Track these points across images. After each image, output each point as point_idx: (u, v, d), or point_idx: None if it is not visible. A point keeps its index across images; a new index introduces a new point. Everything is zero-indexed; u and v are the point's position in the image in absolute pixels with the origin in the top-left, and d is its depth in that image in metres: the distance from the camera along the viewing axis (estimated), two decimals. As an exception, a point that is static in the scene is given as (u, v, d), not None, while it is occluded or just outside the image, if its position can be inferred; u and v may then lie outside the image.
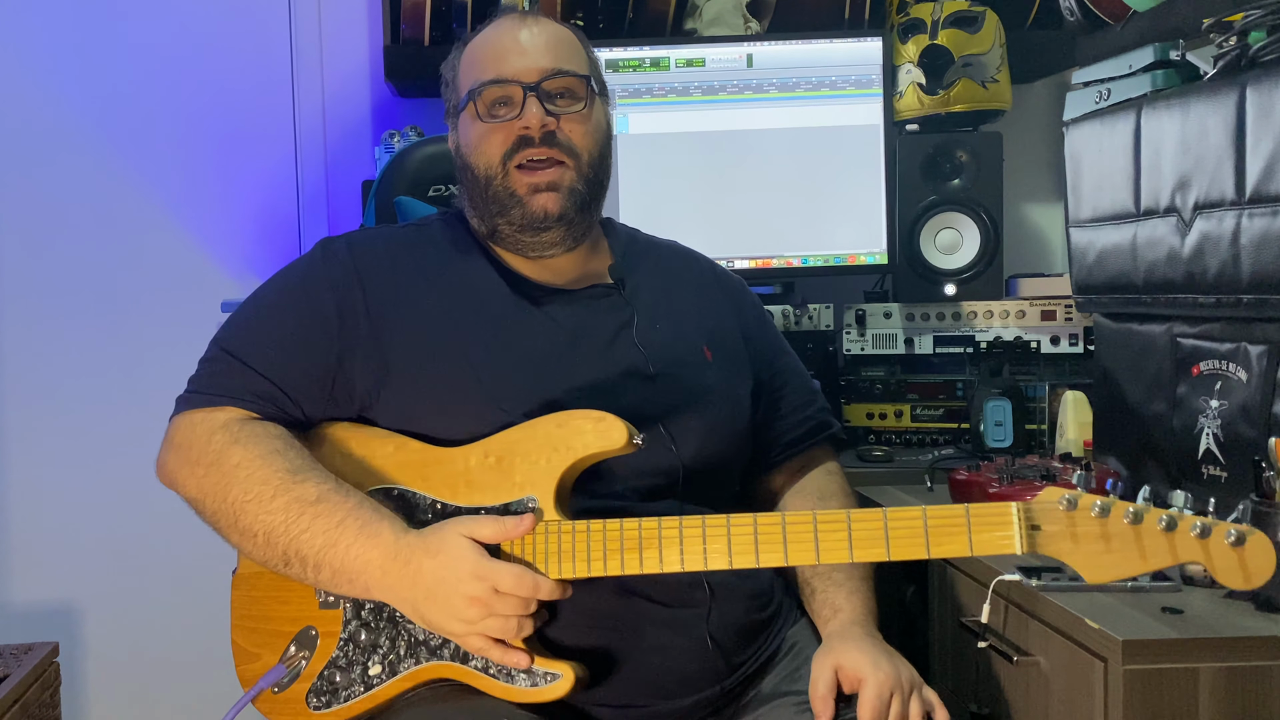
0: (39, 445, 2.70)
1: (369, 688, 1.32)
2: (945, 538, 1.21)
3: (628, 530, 1.26)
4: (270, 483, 1.29)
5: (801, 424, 1.57)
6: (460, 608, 1.23)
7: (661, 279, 1.53)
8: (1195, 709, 1.24)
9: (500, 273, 1.45)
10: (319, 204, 2.71)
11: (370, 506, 1.29)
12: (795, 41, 2.34)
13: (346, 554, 1.26)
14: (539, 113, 1.39)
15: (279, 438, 1.33)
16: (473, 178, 1.44)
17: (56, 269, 2.69)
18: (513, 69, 1.41)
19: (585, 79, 1.44)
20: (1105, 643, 1.25)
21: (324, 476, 1.31)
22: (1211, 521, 1.12)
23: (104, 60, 2.68)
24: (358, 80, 2.72)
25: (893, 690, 1.28)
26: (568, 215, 1.41)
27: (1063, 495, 1.18)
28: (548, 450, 1.29)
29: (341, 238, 1.47)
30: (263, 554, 1.31)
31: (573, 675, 1.26)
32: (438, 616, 1.24)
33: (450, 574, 1.23)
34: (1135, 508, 1.15)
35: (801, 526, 1.24)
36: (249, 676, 1.38)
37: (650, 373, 1.41)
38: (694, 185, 2.32)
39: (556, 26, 1.47)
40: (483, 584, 1.22)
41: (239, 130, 2.71)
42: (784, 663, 1.41)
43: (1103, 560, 1.17)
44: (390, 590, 1.26)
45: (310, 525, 1.27)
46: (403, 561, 1.25)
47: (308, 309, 1.39)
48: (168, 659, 2.71)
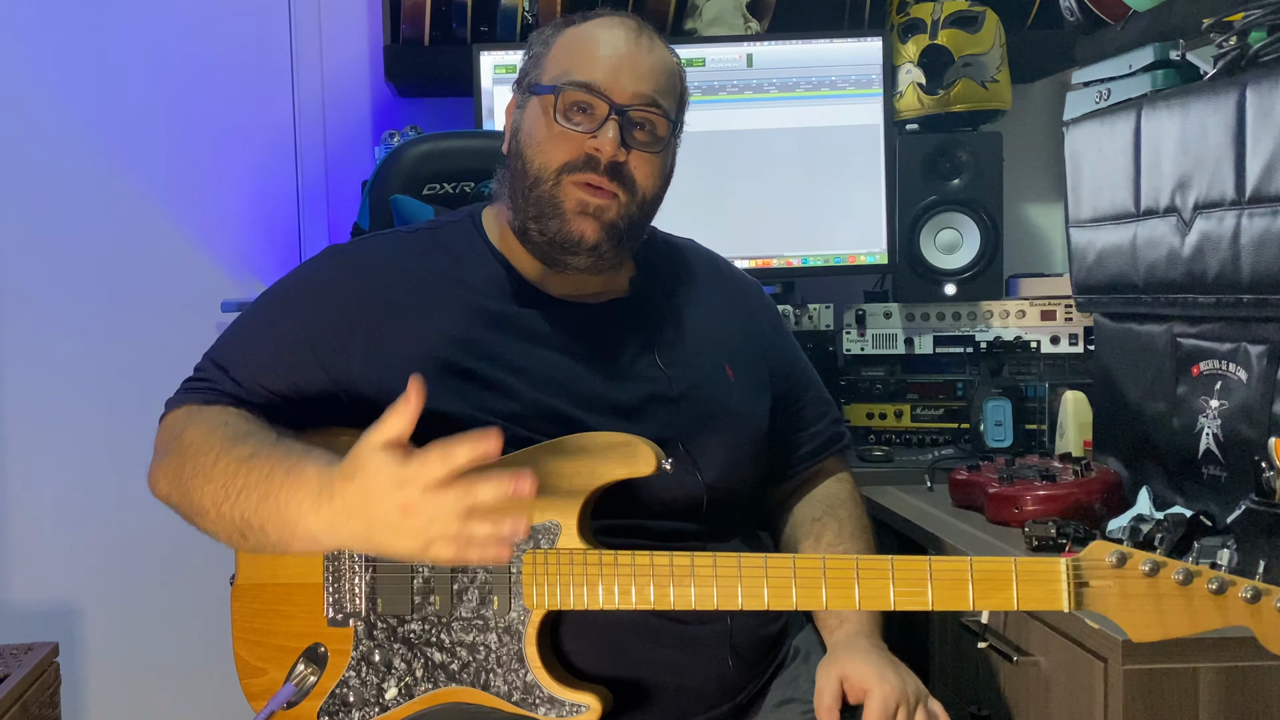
0: (39, 445, 2.70)
1: (384, 709, 1.29)
2: (991, 590, 1.17)
3: (658, 563, 1.22)
4: (212, 451, 1.23)
5: (816, 437, 1.54)
6: (396, 521, 1.11)
7: (682, 289, 1.48)
8: (1195, 709, 1.24)
9: (516, 285, 1.39)
10: (319, 204, 2.71)
11: (300, 450, 1.21)
12: (795, 41, 2.33)
13: (279, 505, 1.17)
14: (615, 139, 1.30)
15: (233, 414, 1.28)
16: (522, 169, 1.35)
17: (56, 269, 2.69)
18: (607, 81, 1.32)
19: (672, 122, 1.36)
20: (1105, 643, 1.25)
21: (266, 435, 1.24)
22: (1263, 587, 1.10)
23: (104, 61, 2.68)
24: (358, 80, 2.72)
25: (898, 702, 1.26)
26: (601, 247, 1.33)
27: (1111, 551, 1.15)
28: (570, 474, 1.25)
29: (350, 247, 1.43)
30: (223, 531, 1.23)
31: (599, 706, 1.24)
32: (385, 539, 1.13)
33: (374, 491, 1.11)
34: (1185, 568, 1.12)
35: (842, 571, 1.20)
36: (255, 691, 1.35)
37: (673, 395, 1.37)
38: (694, 185, 2.32)
39: (666, 53, 1.38)
40: (406, 490, 1.10)
41: (239, 130, 2.71)
42: (789, 669, 1.40)
43: (1150, 620, 1.14)
44: (334, 531, 1.15)
45: (245, 482, 1.19)
46: (328, 496, 1.14)
47: (305, 321, 1.35)
48: (168, 659, 2.71)
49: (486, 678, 1.26)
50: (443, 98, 2.64)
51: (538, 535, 1.26)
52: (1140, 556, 1.13)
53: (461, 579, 1.28)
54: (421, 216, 1.78)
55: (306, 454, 1.20)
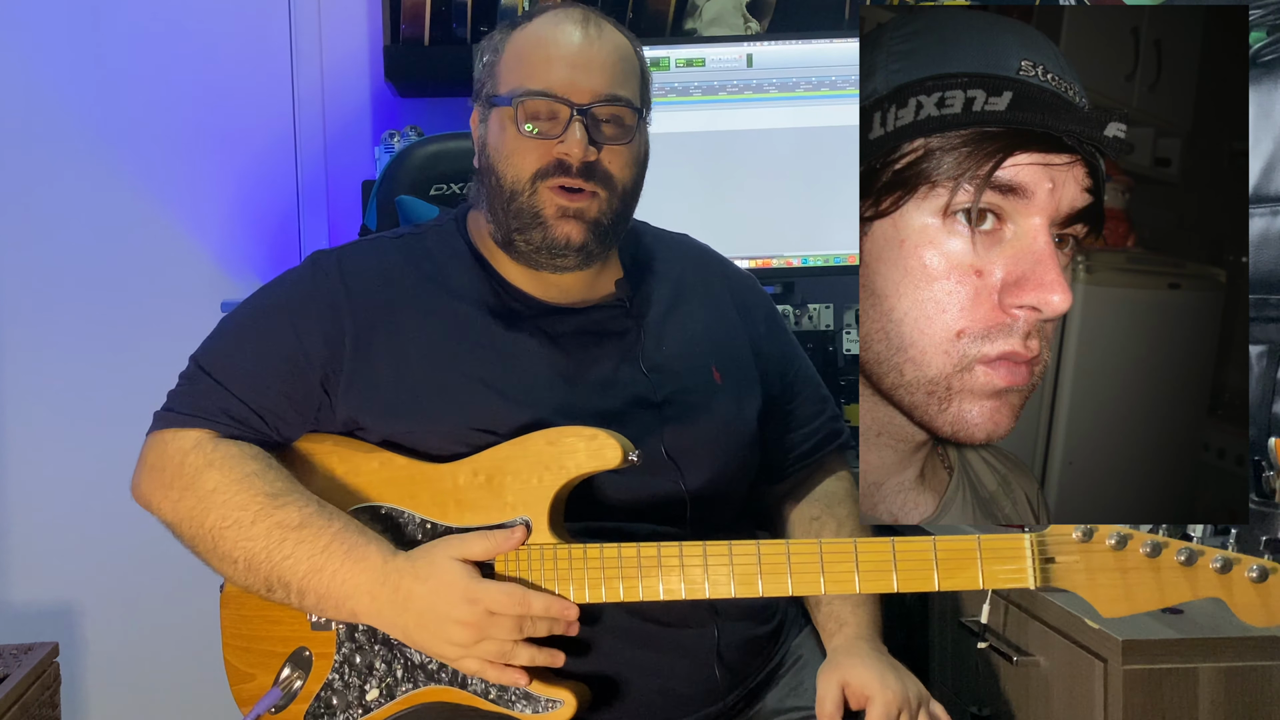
0: (39, 445, 2.70)
1: (366, 710, 1.30)
2: (955, 570, 1.17)
3: (626, 555, 1.23)
4: (249, 508, 1.26)
5: (811, 435, 1.53)
6: (452, 633, 1.20)
7: (670, 289, 1.46)
8: (1195, 709, 1.24)
9: (500, 290, 1.38)
10: (319, 204, 2.71)
11: (356, 529, 1.26)
12: (795, 41, 2.33)
13: (333, 580, 1.23)
14: (582, 140, 1.28)
15: (255, 459, 1.30)
16: (497, 184, 1.34)
17: (56, 269, 2.69)
18: (563, 84, 1.30)
19: (637, 110, 1.34)
20: (1105, 643, 1.25)
21: (306, 499, 1.28)
22: (1233, 556, 1.09)
23: (103, 61, 2.68)
24: (358, 80, 2.72)
25: (900, 708, 1.26)
26: (588, 246, 1.33)
27: (1077, 525, 1.14)
28: (539, 469, 1.25)
29: (333, 253, 1.42)
30: (244, 579, 1.28)
31: (574, 701, 1.24)
32: (430, 642, 1.22)
33: (441, 600, 1.20)
34: (1153, 540, 1.12)
35: (807, 556, 1.20)
36: (244, 696, 1.37)
37: (656, 400, 1.36)
38: (694, 185, 2.32)
39: (618, 37, 1.35)
40: (474, 608, 1.19)
41: (239, 130, 2.71)
42: (788, 676, 1.40)
43: (1118, 594, 1.13)
44: (379, 616, 1.23)
45: (294, 551, 1.24)
46: (391, 587, 1.22)
47: (292, 330, 1.34)
48: (168, 659, 2.71)
49: (464, 676, 1.27)
50: (443, 98, 2.64)
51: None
52: (1106, 530, 1.13)
53: None
54: (428, 217, 1.79)
55: (364, 535, 1.26)
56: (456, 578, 1.21)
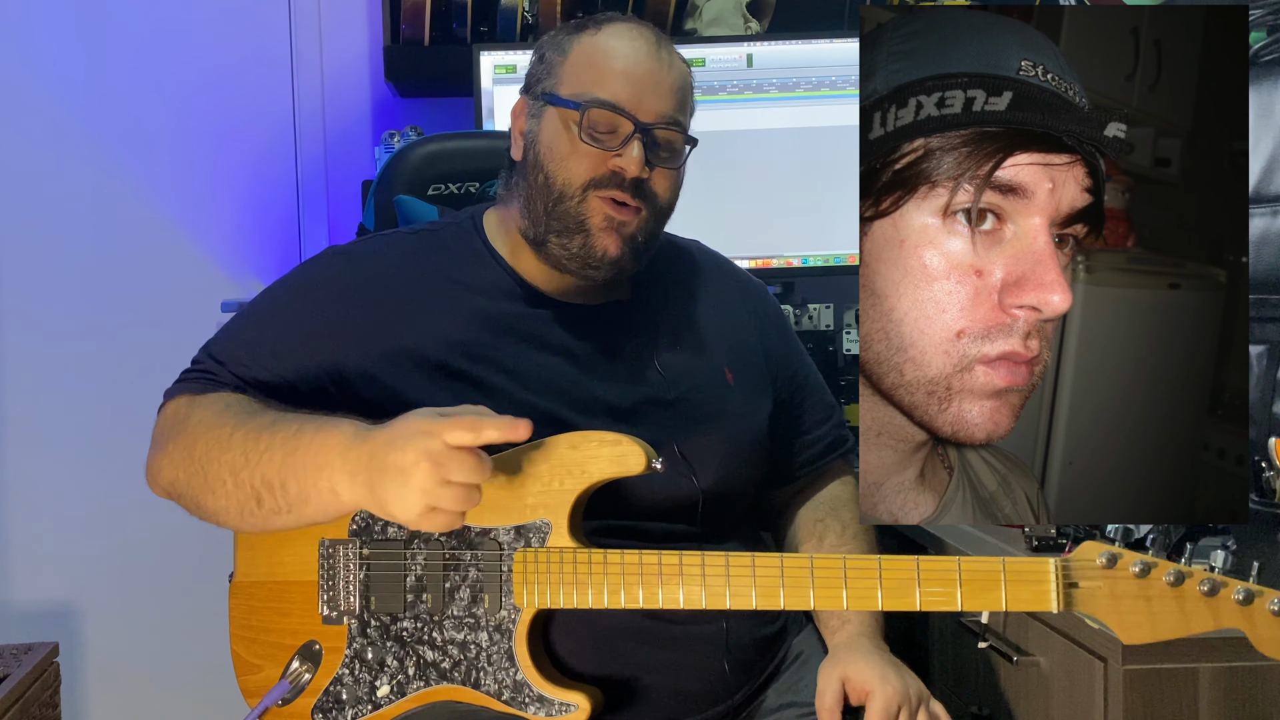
0: (39, 445, 2.70)
1: (376, 707, 1.29)
2: (979, 591, 1.15)
3: (647, 562, 1.22)
4: (227, 425, 1.26)
5: (818, 441, 1.54)
6: (412, 470, 1.13)
7: (684, 291, 1.48)
8: (1195, 709, 1.24)
9: (516, 288, 1.39)
10: (319, 204, 2.72)
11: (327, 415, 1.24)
12: (795, 41, 2.33)
13: (307, 454, 1.20)
14: (640, 159, 1.30)
15: (238, 399, 1.30)
16: (545, 183, 1.33)
17: (56, 269, 2.69)
18: (632, 100, 1.31)
19: (689, 137, 1.38)
20: (1105, 643, 1.25)
21: (279, 407, 1.27)
22: (1255, 589, 1.08)
23: (103, 61, 2.68)
24: (358, 80, 2.72)
25: (900, 704, 1.26)
26: (623, 261, 1.34)
27: (1102, 551, 1.13)
28: (561, 473, 1.25)
29: (349, 247, 1.43)
30: (237, 502, 1.24)
31: (589, 705, 1.24)
32: (394, 490, 1.14)
33: (399, 434, 1.15)
34: (1176, 569, 1.10)
35: (830, 571, 1.19)
36: (250, 688, 1.36)
37: (669, 398, 1.37)
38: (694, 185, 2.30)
39: (684, 66, 1.39)
40: (432, 439, 1.13)
41: (239, 130, 2.71)
42: (789, 672, 1.40)
43: (1141, 621, 1.12)
44: (351, 475, 1.17)
45: (270, 443, 1.22)
46: (360, 439, 1.18)
47: (308, 320, 1.35)
48: (168, 659, 2.71)
49: (477, 676, 1.26)
50: (443, 98, 2.64)
51: (528, 534, 1.26)
52: (1131, 557, 1.12)
53: (453, 577, 1.28)
54: (426, 217, 1.78)
55: (335, 416, 1.23)
56: (417, 414, 1.16)
